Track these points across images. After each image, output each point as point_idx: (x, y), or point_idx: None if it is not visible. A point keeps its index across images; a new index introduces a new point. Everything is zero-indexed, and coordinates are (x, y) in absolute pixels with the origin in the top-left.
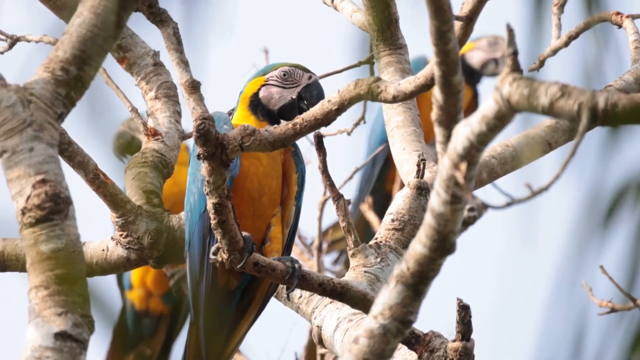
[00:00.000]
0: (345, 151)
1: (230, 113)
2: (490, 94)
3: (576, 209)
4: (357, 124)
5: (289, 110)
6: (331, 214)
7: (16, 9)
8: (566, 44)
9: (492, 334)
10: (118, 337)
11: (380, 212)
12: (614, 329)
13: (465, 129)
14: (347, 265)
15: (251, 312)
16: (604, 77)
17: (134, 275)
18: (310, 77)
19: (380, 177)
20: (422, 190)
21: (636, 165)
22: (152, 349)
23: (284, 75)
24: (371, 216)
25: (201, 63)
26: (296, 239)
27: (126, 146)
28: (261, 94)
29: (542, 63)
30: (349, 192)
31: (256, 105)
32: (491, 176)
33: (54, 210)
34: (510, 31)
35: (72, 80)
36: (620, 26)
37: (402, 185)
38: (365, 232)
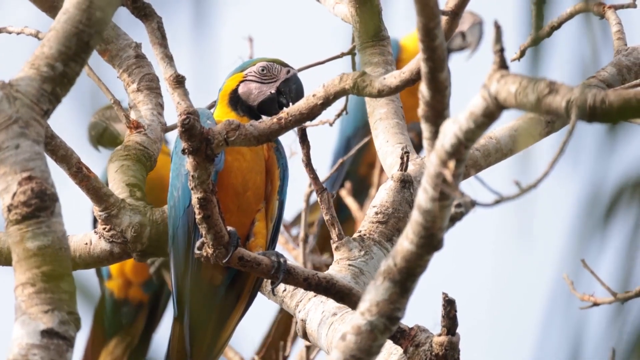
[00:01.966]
0: (327, 142)
1: (211, 106)
2: (478, 91)
3: (575, 208)
4: (339, 115)
5: (269, 105)
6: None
7: None
8: (548, 34)
9: (487, 330)
10: (97, 326)
11: (356, 196)
12: (611, 327)
13: (453, 126)
14: (320, 247)
15: (238, 309)
16: (589, 67)
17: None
18: (288, 72)
19: (354, 161)
20: (406, 183)
21: (634, 164)
22: (131, 337)
23: (262, 70)
24: (350, 202)
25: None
26: (281, 228)
27: (100, 136)
28: (240, 90)
29: (522, 53)
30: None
31: (236, 101)
32: (475, 169)
33: (40, 207)
34: (497, 28)
35: (58, 76)
36: (602, 17)
37: (380, 169)
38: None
